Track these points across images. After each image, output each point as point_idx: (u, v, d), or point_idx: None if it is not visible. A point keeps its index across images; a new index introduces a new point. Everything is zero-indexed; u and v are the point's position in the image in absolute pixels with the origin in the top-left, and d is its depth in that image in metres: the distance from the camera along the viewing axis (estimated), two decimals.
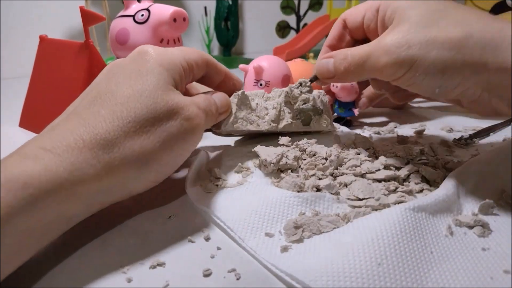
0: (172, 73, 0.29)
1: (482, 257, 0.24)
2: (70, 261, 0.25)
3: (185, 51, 0.31)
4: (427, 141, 0.40)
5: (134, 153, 0.25)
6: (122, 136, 0.25)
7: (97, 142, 0.24)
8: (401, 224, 0.24)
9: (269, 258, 0.24)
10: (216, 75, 0.34)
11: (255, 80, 0.43)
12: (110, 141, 0.24)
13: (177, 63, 0.29)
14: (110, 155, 0.24)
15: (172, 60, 0.29)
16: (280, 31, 1.19)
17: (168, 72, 0.28)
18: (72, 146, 0.23)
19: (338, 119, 0.52)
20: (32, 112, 0.53)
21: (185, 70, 0.30)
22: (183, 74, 0.30)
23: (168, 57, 0.29)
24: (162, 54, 0.29)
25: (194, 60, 0.31)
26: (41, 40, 0.53)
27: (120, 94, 0.26)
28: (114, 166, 0.24)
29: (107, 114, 0.25)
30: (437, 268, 0.23)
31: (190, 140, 0.29)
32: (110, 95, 0.26)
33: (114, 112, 0.25)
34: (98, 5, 0.99)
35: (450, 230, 0.26)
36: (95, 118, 0.25)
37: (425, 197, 0.28)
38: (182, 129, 0.28)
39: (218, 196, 0.31)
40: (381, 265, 0.22)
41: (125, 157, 0.25)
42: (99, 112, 0.25)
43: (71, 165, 0.23)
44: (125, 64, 0.29)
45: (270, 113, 0.36)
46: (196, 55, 0.31)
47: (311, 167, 0.34)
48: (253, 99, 0.36)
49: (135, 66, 0.28)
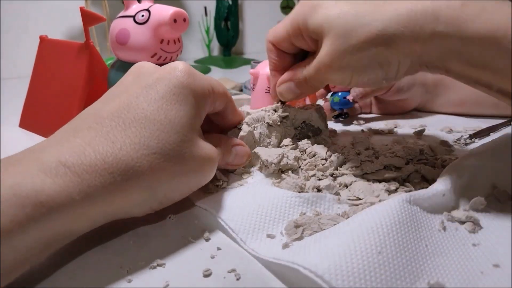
0: (202, 105, 0.29)
1: (473, 252, 0.24)
2: (70, 261, 0.25)
3: (212, 81, 0.30)
4: (427, 142, 0.40)
5: (149, 183, 0.25)
6: (145, 166, 0.24)
7: (118, 167, 0.23)
8: (399, 215, 0.25)
9: (270, 254, 0.24)
10: (232, 115, 0.34)
11: (267, 88, 0.44)
12: (132, 168, 0.24)
13: (206, 93, 0.29)
14: (128, 182, 0.24)
15: (203, 92, 0.28)
16: None
17: (198, 106, 0.28)
18: (93, 167, 0.23)
19: (336, 116, 0.52)
20: (32, 112, 0.53)
21: (210, 102, 0.30)
22: (208, 107, 0.30)
23: (201, 87, 0.28)
24: (196, 80, 0.28)
25: (219, 93, 0.31)
26: (41, 40, 0.53)
27: (152, 116, 0.25)
28: (127, 192, 0.24)
29: (134, 137, 0.24)
30: (431, 262, 0.23)
31: (201, 182, 0.29)
32: (141, 113, 0.25)
33: (142, 136, 0.24)
34: (98, 6, 1.00)
35: (443, 225, 0.26)
36: (121, 138, 0.24)
37: (422, 190, 0.28)
38: (197, 177, 0.28)
39: (218, 197, 0.31)
40: (381, 253, 0.22)
41: (139, 185, 0.24)
42: (125, 132, 0.24)
43: (88, 187, 0.22)
44: (159, 77, 0.27)
45: (273, 142, 0.37)
46: (221, 90, 0.31)
47: (311, 168, 0.34)
48: (256, 127, 0.36)
49: (168, 85, 0.27)
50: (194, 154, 0.27)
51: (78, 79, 0.47)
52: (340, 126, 0.51)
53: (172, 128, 0.25)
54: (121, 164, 0.23)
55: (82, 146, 0.23)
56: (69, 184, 0.22)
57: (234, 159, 0.33)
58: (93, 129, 0.24)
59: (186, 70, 0.28)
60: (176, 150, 0.25)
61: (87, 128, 0.24)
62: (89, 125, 0.24)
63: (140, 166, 0.24)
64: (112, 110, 0.25)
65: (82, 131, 0.24)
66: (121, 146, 0.24)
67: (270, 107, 0.38)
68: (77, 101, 0.46)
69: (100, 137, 0.24)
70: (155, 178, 0.25)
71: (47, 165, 0.22)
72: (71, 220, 0.22)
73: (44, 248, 0.22)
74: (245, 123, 0.36)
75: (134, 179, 0.24)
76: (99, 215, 0.24)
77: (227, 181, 0.33)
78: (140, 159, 0.24)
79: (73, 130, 0.25)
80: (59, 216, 0.21)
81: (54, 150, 0.23)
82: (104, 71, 0.47)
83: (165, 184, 0.26)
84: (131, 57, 0.42)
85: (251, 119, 0.36)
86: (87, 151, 0.23)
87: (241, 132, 0.35)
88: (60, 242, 0.23)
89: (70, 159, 0.22)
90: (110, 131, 0.24)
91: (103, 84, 0.47)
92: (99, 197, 0.23)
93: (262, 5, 1.34)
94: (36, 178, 0.21)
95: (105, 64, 0.48)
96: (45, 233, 0.21)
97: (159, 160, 0.25)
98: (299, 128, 0.39)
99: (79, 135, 0.24)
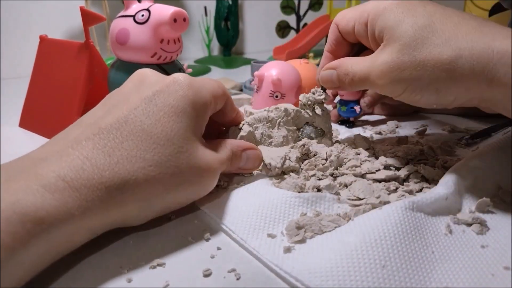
0: (202, 115, 0.29)
1: (482, 255, 0.24)
2: (70, 261, 0.25)
3: (212, 87, 0.30)
4: (427, 142, 0.40)
5: (145, 195, 0.25)
6: (141, 179, 0.24)
7: (114, 180, 0.23)
8: (402, 224, 0.24)
9: (272, 259, 0.24)
10: (230, 112, 0.34)
11: (271, 91, 0.44)
12: (128, 182, 0.24)
13: (207, 102, 0.29)
14: (124, 195, 0.24)
15: (204, 102, 0.28)
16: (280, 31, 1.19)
17: (197, 116, 0.28)
18: (91, 181, 0.23)
19: (341, 122, 0.52)
20: (32, 112, 0.53)
21: (211, 109, 0.30)
22: (209, 115, 0.30)
23: (201, 98, 0.28)
24: (196, 92, 0.28)
25: (219, 97, 0.31)
26: (41, 40, 0.53)
27: (149, 129, 0.25)
28: (123, 204, 0.24)
29: (130, 150, 0.24)
30: (439, 268, 0.23)
31: (201, 193, 0.29)
32: (138, 126, 0.25)
33: (138, 149, 0.25)
34: (98, 5, 0.99)
35: (449, 228, 0.26)
36: (118, 151, 0.24)
37: (425, 195, 0.28)
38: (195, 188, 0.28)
39: (218, 197, 0.31)
40: (385, 267, 0.22)
41: (135, 198, 0.25)
42: (122, 144, 0.25)
43: (86, 201, 0.22)
44: (159, 90, 0.27)
45: (275, 142, 0.37)
46: (221, 92, 0.31)
47: (311, 168, 0.34)
48: (257, 127, 0.36)
49: (167, 98, 0.27)
50: (191, 165, 0.26)
51: (78, 79, 0.47)
52: (344, 126, 0.51)
53: (168, 141, 0.26)
54: (117, 178, 0.24)
55: (80, 159, 0.23)
56: (67, 199, 0.22)
57: (246, 163, 0.33)
58: (91, 141, 0.24)
59: (186, 83, 0.28)
60: (172, 162, 0.26)
61: (85, 139, 0.24)
62: (87, 136, 0.25)
63: (136, 179, 0.24)
64: (111, 121, 0.25)
65: (81, 143, 0.24)
66: (117, 160, 0.24)
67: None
68: (77, 101, 0.46)
69: (97, 150, 0.24)
70: (151, 190, 0.25)
71: (47, 180, 0.22)
72: (71, 233, 0.22)
73: (45, 260, 0.22)
74: (246, 123, 0.36)
75: (130, 192, 0.24)
76: (97, 226, 0.24)
77: (228, 181, 0.33)
78: (136, 172, 0.24)
79: (71, 141, 0.25)
80: (58, 230, 0.21)
81: (53, 163, 0.23)
82: (104, 71, 0.47)
83: (161, 196, 0.26)
84: (131, 57, 0.42)
85: (252, 119, 0.36)
86: (85, 165, 0.23)
87: (241, 132, 0.35)
88: (60, 253, 0.23)
89: (69, 174, 0.22)
90: (107, 144, 0.24)
91: (103, 84, 0.47)
92: (97, 210, 0.23)
93: (262, 5, 1.34)
94: (37, 194, 0.21)
95: (105, 64, 0.48)
96: (46, 247, 0.21)
97: (155, 173, 0.25)
98: (302, 129, 0.39)
99: (78, 148, 0.24)
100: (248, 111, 0.38)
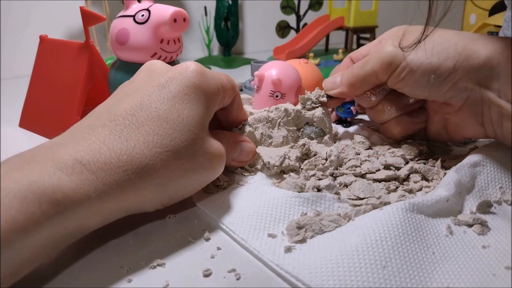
0: (213, 104, 0.29)
1: (483, 255, 0.24)
2: (71, 261, 0.25)
3: (222, 80, 0.30)
4: (427, 141, 0.40)
5: (161, 180, 0.25)
6: (158, 164, 0.25)
7: (132, 164, 0.24)
8: (403, 225, 0.24)
9: (273, 258, 0.24)
10: (237, 110, 0.35)
11: (271, 91, 0.44)
12: (145, 165, 0.24)
13: (217, 93, 0.29)
14: (141, 179, 0.24)
15: (214, 92, 0.29)
16: (280, 31, 1.19)
17: (208, 105, 0.28)
18: (108, 165, 0.23)
19: (339, 122, 0.52)
20: (32, 112, 0.53)
21: (219, 101, 0.31)
22: (218, 105, 0.30)
23: (212, 86, 0.29)
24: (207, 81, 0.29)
25: (228, 90, 0.31)
26: (41, 40, 0.52)
27: (165, 115, 0.26)
28: (140, 189, 0.24)
29: (147, 135, 0.25)
30: (440, 268, 0.23)
31: (211, 178, 0.29)
32: (154, 111, 0.26)
33: (155, 134, 0.25)
34: (98, 5, 0.99)
35: (450, 229, 0.26)
36: (135, 136, 0.24)
37: (426, 196, 0.28)
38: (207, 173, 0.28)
39: (219, 197, 0.31)
40: (386, 267, 0.22)
41: (152, 182, 0.25)
42: (139, 130, 0.25)
43: (103, 185, 0.23)
44: (172, 77, 0.27)
45: (275, 142, 0.37)
46: (230, 87, 0.31)
47: (311, 168, 0.34)
48: (257, 127, 0.36)
49: (180, 85, 0.27)
50: (205, 152, 0.27)
51: (78, 79, 0.47)
52: (340, 126, 0.51)
53: (185, 127, 0.26)
54: (135, 162, 0.24)
55: (97, 144, 0.23)
56: (85, 182, 0.22)
57: (240, 155, 0.33)
58: (107, 127, 0.25)
59: (198, 70, 0.28)
60: (189, 148, 0.26)
61: (101, 125, 0.25)
62: (103, 123, 0.25)
63: (154, 163, 0.24)
64: (126, 108, 0.26)
65: (97, 129, 0.24)
66: (134, 144, 0.24)
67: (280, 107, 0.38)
68: (77, 101, 0.46)
69: (114, 135, 0.24)
70: (167, 175, 0.25)
71: (64, 162, 0.22)
72: (85, 216, 0.22)
73: (56, 246, 0.22)
74: (246, 123, 0.36)
75: (147, 176, 0.24)
76: (112, 211, 0.24)
77: (228, 181, 0.33)
78: (153, 157, 0.24)
79: (87, 127, 0.25)
80: (73, 213, 0.21)
81: (70, 148, 0.23)
82: (104, 71, 0.47)
83: (176, 181, 0.26)
84: (131, 57, 0.42)
85: (252, 119, 0.36)
86: (102, 149, 0.23)
87: (241, 132, 0.35)
88: (71, 239, 0.23)
89: (86, 157, 0.23)
90: (124, 129, 0.25)
91: (103, 84, 0.47)
92: (113, 194, 0.23)
93: (262, 5, 1.33)
94: (53, 176, 0.21)
95: (105, 64, 0.48)
96: (59, 230, 0.21)
97: (172, 158, 0.25)
98: (302, 129, 0.39)
99: (94, 133, 0.24)
100: (248, 111, 0.38)
